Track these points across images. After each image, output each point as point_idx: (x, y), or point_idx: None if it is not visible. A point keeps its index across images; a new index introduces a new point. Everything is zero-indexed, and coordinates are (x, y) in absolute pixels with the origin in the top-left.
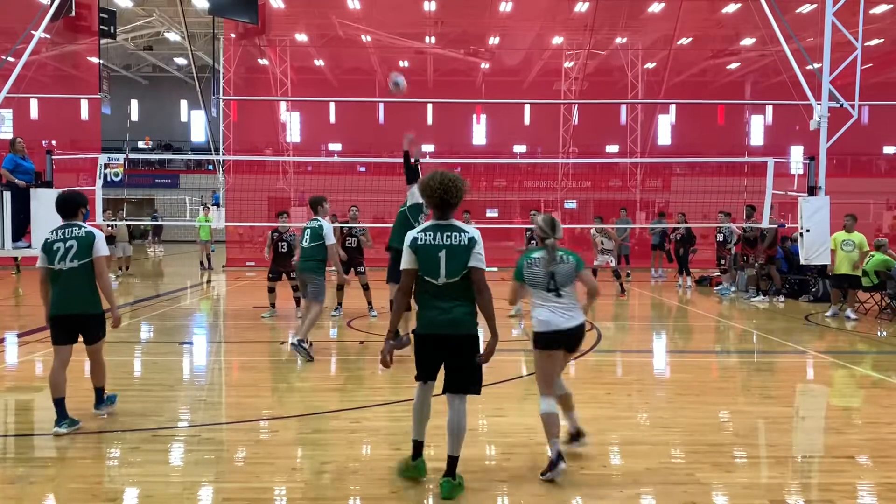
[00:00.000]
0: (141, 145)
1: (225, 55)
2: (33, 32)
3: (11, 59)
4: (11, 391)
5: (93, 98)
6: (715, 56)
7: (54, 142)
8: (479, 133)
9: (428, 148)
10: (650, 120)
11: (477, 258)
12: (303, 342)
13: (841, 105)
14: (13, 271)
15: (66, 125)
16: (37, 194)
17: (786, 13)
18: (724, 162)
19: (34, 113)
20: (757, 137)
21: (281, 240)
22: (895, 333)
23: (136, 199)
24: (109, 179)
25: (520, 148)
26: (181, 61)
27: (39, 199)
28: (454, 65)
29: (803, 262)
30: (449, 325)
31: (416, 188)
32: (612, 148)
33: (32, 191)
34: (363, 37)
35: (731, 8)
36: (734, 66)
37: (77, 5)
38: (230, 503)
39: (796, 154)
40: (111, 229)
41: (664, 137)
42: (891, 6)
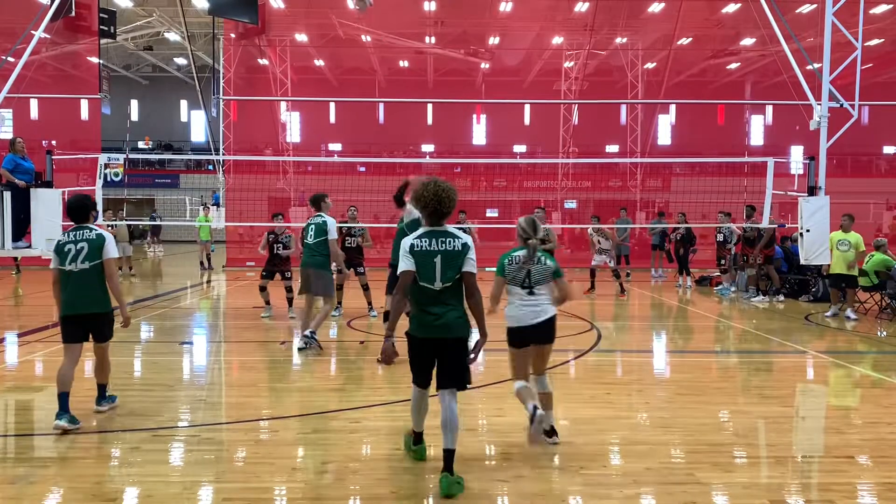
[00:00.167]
0: (141, 145)
1: (225, 55)
2: (33, 32)
3: (11, 59)
4: (11, 391)
5: (93, 98)
6: (715, 56)
7: (54, 142)
8: (479, 133)
9: (428, 148)
10: (650, 120)
11: (470, 263)
12: (314, 334)
13: (841, 105)
14: (13, 271)
15: (66, 125)
16: (37, 194)
17: (786, 13)
18: (724, 162)
19: (34, 113)
20: (757, 137)
21: (276, 241)
22: (895, 333)
23: (136, 199)
24: (109, 179)
25: (520, 148)
26: (181, 61)
27: (39, 200)
28: (454, 65)
29: (803, 263)
30: (445, 329)
31: (411, 205)
32: (612, 148)
33: (32, 191)
34: (363, 37)
35: (731, 8)
36: (734, 66)
37: (77, 5)
38: (230, 503)
39: (796, 154)
40: (111, 229)
41: (664, 137)
42: (891, 6)
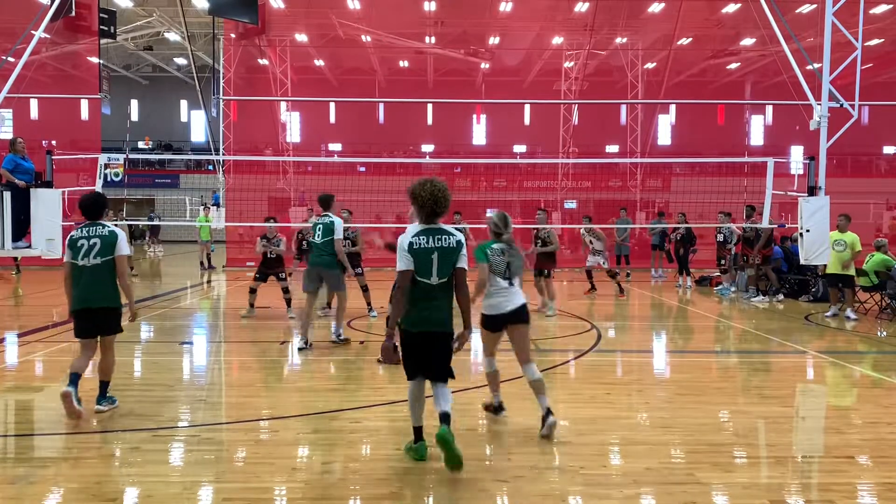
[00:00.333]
0: (141, 145)
1: (225, 55)
2: (33, 32)
3: (11, 59)
4: (11, 391)
5: (93, 98)
6: (715, 56)
7: (54, 142)
8: (479, 133)
9: (428, 148)
10: (650, 120)
11: (463, 259)
12: (340, 334)
13: (841, 105)
14: (13, 271)
15: (66, 125)
16: (37, 194)
17: (786, 13)
18: (724, 162)
19: (34, 113)
20: (757, 137)
21: (269, 244)
22: (895, 333)
23: (137, 200)
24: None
25: (520, 148)
26: (181, 61)
27: (39, 200)
28: (454, 65)
29: (803, 263)
30: (437, 324)
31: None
32: (612, 148)
33: (32, 191)
34: (363, 37)
35: (731, 8)
36: (734, 66)
37: (77, 5)
38: (230, 503)
39: (796, 154)
40: None
41: (664, 137)
42: (891, 6)
